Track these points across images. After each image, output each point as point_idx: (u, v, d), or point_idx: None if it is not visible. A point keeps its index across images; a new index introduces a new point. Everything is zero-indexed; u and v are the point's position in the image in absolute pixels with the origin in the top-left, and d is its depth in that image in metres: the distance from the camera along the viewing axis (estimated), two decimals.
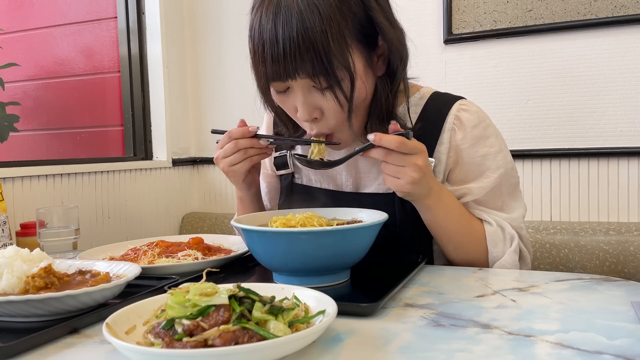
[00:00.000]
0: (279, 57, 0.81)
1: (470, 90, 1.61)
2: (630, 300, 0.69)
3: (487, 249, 0.95)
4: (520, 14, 1.56)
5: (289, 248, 0.74)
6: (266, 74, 0.85)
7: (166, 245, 1.00)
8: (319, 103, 0.87)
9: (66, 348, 0.59)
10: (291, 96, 0.88)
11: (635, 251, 1.34)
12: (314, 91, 0.86)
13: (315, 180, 1.08)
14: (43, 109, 2.11)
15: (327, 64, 0.81)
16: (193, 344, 0.48)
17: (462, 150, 0.96)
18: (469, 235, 0.95)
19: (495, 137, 0.99)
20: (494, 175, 0.96)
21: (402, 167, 0.82)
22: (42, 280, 0.69)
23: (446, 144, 0.97)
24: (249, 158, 0.95)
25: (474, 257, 0.96)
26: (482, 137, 0.97)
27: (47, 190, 1.48)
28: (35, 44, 2.12)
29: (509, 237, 0.95)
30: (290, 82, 0.85)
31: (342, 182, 1.05)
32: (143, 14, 1.93)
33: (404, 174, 0.82)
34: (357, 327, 0.62)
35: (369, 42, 0.88)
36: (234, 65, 1.99)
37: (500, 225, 0.95)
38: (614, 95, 1.49)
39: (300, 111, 0.88)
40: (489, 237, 0.95)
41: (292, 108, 0.91)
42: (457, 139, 0.96)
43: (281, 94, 0.89)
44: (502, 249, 0.94)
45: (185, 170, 2.05)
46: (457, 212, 0.94)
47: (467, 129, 0.96)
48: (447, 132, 0.96)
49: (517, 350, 0.54)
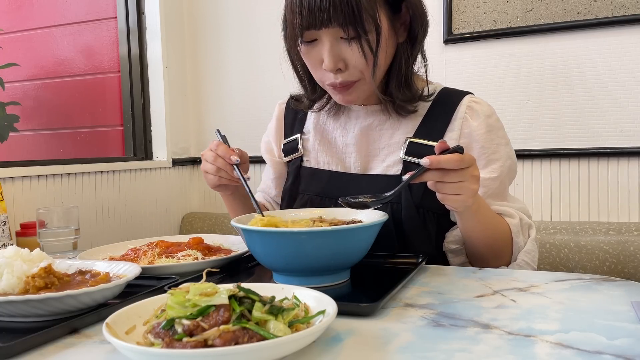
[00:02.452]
0: (315, 6, 0.88)
1: (470, 90, 1.60)
2: (630, 300, 0.69)
3: (513, 241, 0.97)
4: (520, 14, 1.56)
5: (289, 248, 0.74)
6: (301, 23, 0.91)
7: (166, 245, 1.00)
8: (344, 54, 0.93)
9: (66, 348, 0.59)
10: (317, 48, 0.94)
11: (635, 251, 1.34)
12: (341, 42, 0.92)
13: (324, 162, 1.10)
14: (43, 109, 2.11)
15: (357, 14, 0.88)
16: (193, 344, 0.48)
17: (479, 136, 0.99)
18: (501, 229, 0.96)
19: (504, 131, 1.03)
20: (504, 165, 1.00)
21: (461, 182, 0.80)
22: (42, 280, 0.69)
23: (457, 131, 1.00)
24: (219, 177, 1.01)
25: (504, 252, 0.98)
26: (495, 127, 1.01)
27: (47, 190, 1.48)
28: (35, 44, 2.12)
29: (527, 226, 0.99)
30: (321, 31, 0.91)
31: (351, 164, 1.07)
32: (143, 14, 1.94)
33: (466, 189, 0.81)
34: (357, 327, 0.62)
35: (393, 6, 0.95)
36: (234, 65, 1.99)
37: (520, 217, 0.98)
38: (614, 95, 1.49)
39: (326, 61, 0.93)
40: (514, 228, 0.97)
41: (317, 60, 0.96)
42: (472, 125, 1.00)
43: (308, 46, 0.95)
44: (523, 239, 0.98)
45: (185, 170, 2.05)
46: (488, 209, 0.95)
47: (482, 118, 1.00)
48: (459, 120, 1.00)
49: (517, 350, 0.54)
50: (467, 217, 0.91)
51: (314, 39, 0.93)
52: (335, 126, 1.11)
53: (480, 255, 0.98)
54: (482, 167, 0.99)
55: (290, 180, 1.13)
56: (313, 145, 1.12)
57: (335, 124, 1.11)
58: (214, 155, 1.00)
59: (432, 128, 1.01)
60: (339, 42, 0.92)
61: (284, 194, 1.14)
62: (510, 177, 1.03)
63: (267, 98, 1.93)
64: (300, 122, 1.16)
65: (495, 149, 1.00)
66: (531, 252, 0.97)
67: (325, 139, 1.11)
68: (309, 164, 1.12)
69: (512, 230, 0.96)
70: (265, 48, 1.93)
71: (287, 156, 1.16)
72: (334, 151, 1.09)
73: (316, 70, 0.98)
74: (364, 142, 1.05)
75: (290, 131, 1.18)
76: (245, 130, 1.98)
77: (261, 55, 1.94)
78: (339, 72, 0.94)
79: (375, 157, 1.05)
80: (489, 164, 1.00)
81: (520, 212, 1.00)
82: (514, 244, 0.97)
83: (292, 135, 1.16)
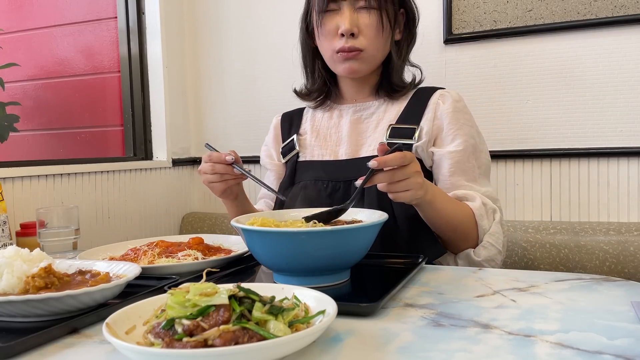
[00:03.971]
0: None
1: (470, 90, 1.61)
2: (630, 300, 0.69)
3: (478, 225, 1.03)
4: (520, 14, 1.56)
5: (289, 248, 0.74)
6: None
7: (166, 245, 1.00)
8: (360, 21, 1.09)
9: (66, 348, 0.59)
10: (336, 16, 1.10)
11: (635, 251, 1.34)
12: (359, 12, 1.09)
13: (318, 154, 1.21)
14: (43, 109, 2.10)
15: None
16: (193, 344, 0.48)
17: (446, 115, 1.11)
18: (462, 215, 1.02)
19: (471, 117, 1.15)
20: (468, 142, 1.09)
21: (407, 179, 0.86)
22: (42, 280, 0.69)
23: (430, 114, 1.12)
24: (224, 181, 1.05)
25: (469, 235, 1.03)
26: (462, 111, 1.13)
27: (47, 190, 1.48)
28: (35, 44, 2.12)
29: (491, 210, 1.06)
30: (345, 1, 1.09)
31: (342, 153, 1.17)
32: (143, 14, 1.93)
33: (412, 184, 0.87)
34: (357, 327, 0.62)
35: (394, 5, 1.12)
36: (234, 65, 1.99)
37: (483, 201, 1.05)
38: (614, 95, 1.49)
39: (344, 24, 1.08)
40: (477, 211, 1.03)
41: (333, 27, 1.10)
42: (442, 108, 1.12)
43: (328, 15, 1.11)
44: (488, 222, 1.04)
45: (185, 170, 2.05)
46: (447, 198, 1.01)
47: (451, 101, 1.12)
48: (432, 105, 1.13)
49: (517, 350, 0.54)
50: (425, 207, 0.96)
51: (334, 9, 1.10)
52: (330, 124, 1.22)
53: (447, 239, 1.04)
54: (449, 142, 1.10)
55: (287, 173, 1.22)
56: (310, 142, 1.22)
57: (329, 122, 1.23)
58: (210, 165, 1.04)
59: (411, 114, 1.14)
60: (357, 11, 1.09)
61: (281, 185, 1.22)
62: (480, 163, 1.11)
63: (267, 98, 1.93)
64: (295, 126, 1.27)
65: (460, 126, 1.10)
66: (495, 234, 1.04)
67: (321, 135, 1.22)
68: (304, 158, 1.22)
69: (475, 214, 1.03)
70: (265, 48, 1.93)
71: (285, 156, 1.25)
72: (328, 144, 1.20)
73: (329, 40, 1.12)
74: (354, 134, 1.17)
75: (287, 135, 1.28)
76: (245, 130, 1.98)
77: (261, 55, 1.94)
78: (351, 37, 1.09)
79: (363, 145, 1.16)
80: (455, 139, 1.10)
81: (484, 197, 1.06)
82: (478, 227, 1.03)
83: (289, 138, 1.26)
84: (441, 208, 0.97)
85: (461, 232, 1.02)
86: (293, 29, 1.30)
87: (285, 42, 1.87)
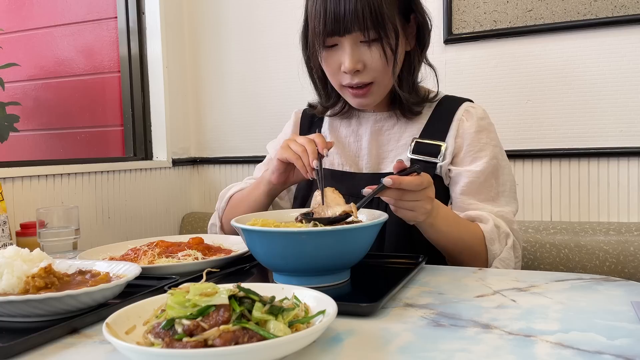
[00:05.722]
0: (338, 14, 0.96)
1: (470, 90, 1.61)
2: (630, 300, 0.69)
3: (488, 249, 0.99)
4: (520, 14, 1.56)
5: (289, 248, 0.74)
6: (325, 30, 0.98)
7: (166, 245, 1.00)
8: (363, 56, 1.00)
9: (66, 348, 0.59)
10: (337, 52, 1.01)
11: (635, 251, 1.34)
12: (361, 46, 1.00)
13: (339, 163, 1.17)
14: (43, 109, 2.10)
15: (380, 19, 0.96)
16: (193, 344, 0.48)
17: (469, 135, 1.08)
18: (470, 237, 0.99)
19: (495, 134, 1.11)
20: (489, 163, 1.06)
21: (417, 201, 0.85)
22: (42, 280, 0.69)
23: (454, 131, 1.09)
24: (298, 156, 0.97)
25: (477, 258, 1.00)
26: (485, 129, 1.09)
27: (47, 190, 1.48)
28: (35, 44, 2.12)
29: (504, 235, 1.02)
30: (343, 37, 0.99)
31: (363, 166, 1.15)
32: (143, 14, 1.93)
33: (419, 207, 0.86)
34: (357, 327, 0.62)
35: (404, 16, 1.04)
36: (234, 65, 1.99)
37: (496, 224, 1.01)
38: (614, 95, 1.48)
39: (346, 62, 0.99)
40: (487, 235, 1.00)
41: (336, 64, 1.03)
42: (465, 126, 1.08)
43: (329, 51, 1.02)
44: (499, 246, 1.01)
45: (185, 170, 2.05)
46: (454, 220, 0.99)
47: (475, 119, 1.09)
48: (456, 121, 1.09)
49: (517, 350, 0.54)
50: (424, 228, 0.95)
51: (334, 44, 1.01)
52: (348, 132, 1.18)
53: (451, 258, 1.02)
54: (467, 163, 1.07)
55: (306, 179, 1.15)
56: None
57: (347, 129, 1.18)
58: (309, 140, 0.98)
59: (435, 129, 1.10)
60: (358, 45, 1.00)
61: (298, 191, 1.20)
62: (496, 177, 1.07)
63: (267, 98, 1.93)
64: (316, 126, 1.23)
65: (482, 147, 1.07)
66: (506, 260, 1.00)
67: (340, 143, 1.18)
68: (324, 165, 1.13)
69: (486, 237, 0.99)
70: (265, 48, 1.93)
71: None
72: (348, 154, 1.16)
73: (334, 75, 1.05)
74: (374, 146, 1.14)
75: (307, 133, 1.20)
76: (245, 130, 1.98)
77: (261, 55, 1.94)
78: (357, 73, 1.01)
79: (385, 159, 1.13)
80: (474, 160, 1.07)
81: (498, 219, 1.03)
82: (488, 251, 1.00)
83: None
84: (446, 231, 0.96)
85: (467, 255, 1.00)
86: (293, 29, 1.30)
87: (285, 42, 1.87)
